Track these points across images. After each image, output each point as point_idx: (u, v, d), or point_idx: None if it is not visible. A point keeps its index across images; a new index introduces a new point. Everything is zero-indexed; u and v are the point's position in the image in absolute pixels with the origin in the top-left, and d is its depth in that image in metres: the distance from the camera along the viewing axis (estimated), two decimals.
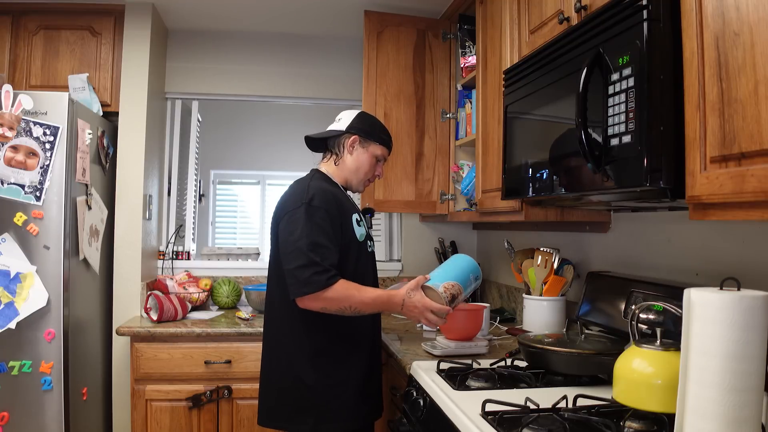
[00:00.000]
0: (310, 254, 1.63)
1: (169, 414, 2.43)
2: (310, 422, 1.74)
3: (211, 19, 3.03)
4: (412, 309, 1.74)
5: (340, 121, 1.96)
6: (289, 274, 1.66)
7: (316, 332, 1.77)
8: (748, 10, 0.93)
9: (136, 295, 2.74)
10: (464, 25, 2.61)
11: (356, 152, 1.93)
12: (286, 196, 1.82)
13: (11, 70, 2.72)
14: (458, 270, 1.81)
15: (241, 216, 5.45)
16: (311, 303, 1.66)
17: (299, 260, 1.64)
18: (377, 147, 1.94)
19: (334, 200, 1.78)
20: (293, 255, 1.66)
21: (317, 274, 1.62)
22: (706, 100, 1.02)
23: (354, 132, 1.92)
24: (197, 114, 3.35)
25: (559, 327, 2.09)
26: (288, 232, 1.70)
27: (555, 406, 1.27)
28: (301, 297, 1.66)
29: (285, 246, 1.70)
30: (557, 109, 1.48)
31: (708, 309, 0.98)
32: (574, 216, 1.94)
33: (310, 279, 1.62)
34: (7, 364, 2.20)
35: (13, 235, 2.23)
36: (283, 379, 1.79)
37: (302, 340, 1.77)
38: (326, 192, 1.77)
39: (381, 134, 1.96)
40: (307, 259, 1.63)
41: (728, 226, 1.44)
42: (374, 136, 1.94)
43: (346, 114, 1.98)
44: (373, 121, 2.00)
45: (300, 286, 1.64)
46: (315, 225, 1.68)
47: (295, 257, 1.65)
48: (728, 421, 0.96)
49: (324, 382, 1.76)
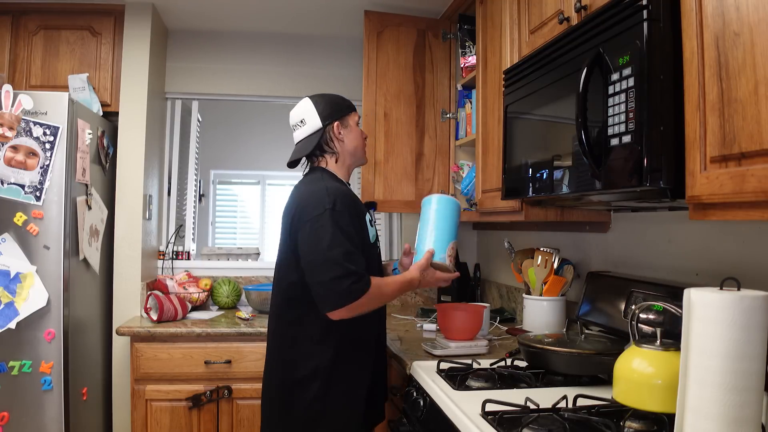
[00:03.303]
0: (346, 264, 1.54)
1: (169, 414, 2.43)
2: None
3: (211, 19, 3.03)
4: (426, 285, 1.78)
5: (306, 123, 1.82)
6: (322, 286, 1.55)
7: (323, 343, 1.68)
8: (748, 10, 0.93)
9: (136, 295, 2.74)
10: (464, 25, 2.61)
11: (345, 135, 1.83)
12: (301, 200, 1.69)
13: (11, 70, 2.72)
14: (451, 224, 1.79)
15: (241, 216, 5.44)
16: (346, 313, 1.57)
17: (334, 271, 1.53)
18: (352, 116, 1.87)
19: (353, 202, 1.71)
20: (326, 266, 1.54)
21: (355, 283, 1.54)
22: (706, 100, 1.02)
23: (330, 120, 1.81)
24: (197, 114, 3.35)
25: (559, 327, 2.08)
26: (314, 241, 1.58)
27: (555, 406, 1.27)
28: (338, 309, 1.55)
29: (313, 256, 1.58)
30: (557, 109, 1.48)
31: (708, 309, 0.98)
32: (574, 216, 1.94)
33: (349, 289, 1.53)
34: (7, 364, 2.20)
35: (13, 235, 2.23)
36: (287, 390, 1.70)
37: (310, 351, 1.69)
38: (345, 194, 1.69)
39: (344, 102, 1.88)
40: (344, 269, 1.53)
41: (728, 226, 1.44)
42: (344, 108, 1.86)
43: (301, 112, 1.84)
44: (328, 98, 1.87)
45: (338, 297, 1.54)
46: (342, 231, 1.58)
47: (328, 268, 1.54)
48: (728, 421, 0.96)
49: (332, 391, 1.68)
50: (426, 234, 1.80)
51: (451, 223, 1.79)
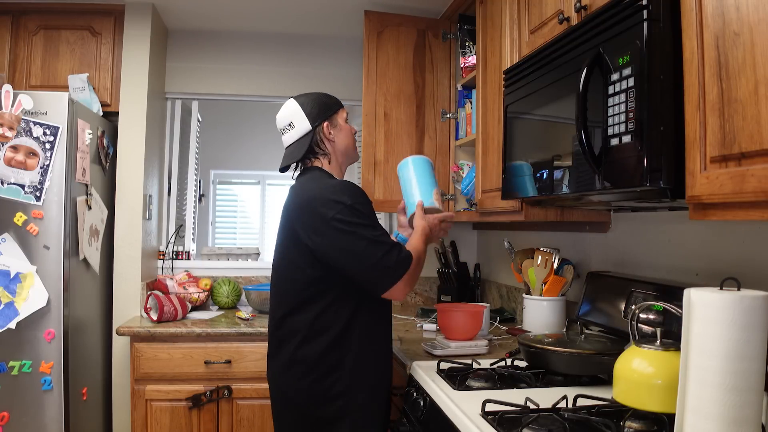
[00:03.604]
0: (385, 240, 1.57)
1: (169, 414, 2.43)
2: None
3: (211, 19, 3.03)
4: (435, 230, 1.79)
5: (295, 126, 1.79)
6: (374, 268, 1.55)
7: (343, 338, 1.65)
8: (748, 10, 0.93)
9: (136, 295, 2.74)
10: (464, 25, 2.61)
11: (336, 135, 1.81)
12: (311, 201, 1.64)
13: (11, 70, 2.73)
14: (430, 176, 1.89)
15: (241, 216, 5.45)
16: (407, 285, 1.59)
17: (379, 250, 1.55)
18: (340, 114, 1.84)
19: (363, 193, 1.70)
20: (369, 250, 1.55)
21: (400, 253, 1.57)
22: (706, 100, 1.02)
23: (319, 120, 1.78)
24: (197, 114, 3.35)
25: (559, 327, 2.09)
26: (346, 235, 1.57)
27: (555, 406, 1.27)
28: (397, 282, 1.56)
29: (352, 248, 1.56)
30: (557, 109, 1.48)
31: (708, 309, 0.98)
32: (574, 216, 1.94)
33: (398, 259, 1.56)
34: (7, 364, 2.20)
35: (13, 235, 2.23)
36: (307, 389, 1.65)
37: (330, 347, 1.64)
38: (355, 187, 1.69)
39: (330, 100, 1.85)
40: (387, 246, 1.56)
41: (728, 226, 1.44)
42: (331, 106, 1.83)
43: (288, 115, 1.79)
44: (313, 96, 1.83)
45: (394, 270, 1.55)
46: (367, 217, 1.61)
47: (373, 251, 1.55)
48: (728, 421, 0.96)
49: (355, 387, 1.65)
50: (411, 190, 1.87)
51: (429, 175, 1.88)
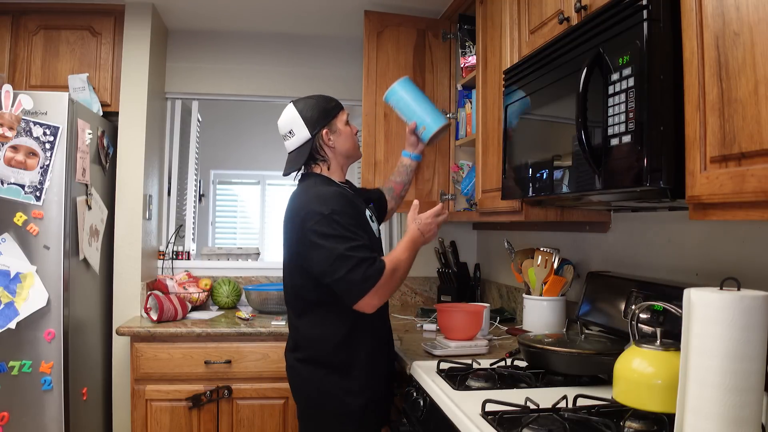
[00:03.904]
0: (353, 255, 1.58)
1: (169, 414, 2.43)
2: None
3: (211, 19, 3.03)
4: (428, 229, 1.77)
5: (295, 133, 1.81)
6: (342, 282, 1.59)
7: (349, 338, 1.73)
8: (748, 10, 0.92)
9: (136, 295, 2.74)
10: (464, 25, 2.61)
11: (335, 140, 1.82)
12: (299, 211, 1.71)
13: (11, 70, 2.72)
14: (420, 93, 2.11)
15: (241, 216, 5.45)
16: (378, 299, 1.62)
17: (346, 265, 1.58)
18: (339, 117, 1.85)
19: (351, 203, 1.73)
20: (337, 264, 1.59)
21: (369, 268, 1.58)
22: (706, 100, 1.02)
23: (318, 128, 1.80)
24: (197, 114, 3.35)
25: (559, 327, 2.08)
26: (320, 246, 1.62)
27: (555, 406, 1.27)
28: (363, 297, 1.59)
29: (324, 259, 1.61)
30: (557, 109, 1.48)
31: (708, 309, 0.98)
32: (574, 216, 1.94)
33: (366, 275, 1.57)
34: (7, 364, 2.20)
35: (13, 235, 2.23)
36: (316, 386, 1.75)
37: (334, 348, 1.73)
38: (340, 196, 1.71)
39: (329, 105, 1.85)
40: (354, 261, 1.58)
41: (728, 226, 1.44)
42: (330, 111, 1.83)
43: (287, 123, 1.83)
44: (312, 102, 1.83)
45: (359, 285, 1.58)
46: (343, 230, 1.62)
47: (339, 265, 1.58)
48: (728, 421, 0.96)
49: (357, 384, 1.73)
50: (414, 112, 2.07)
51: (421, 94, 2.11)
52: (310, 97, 1.87)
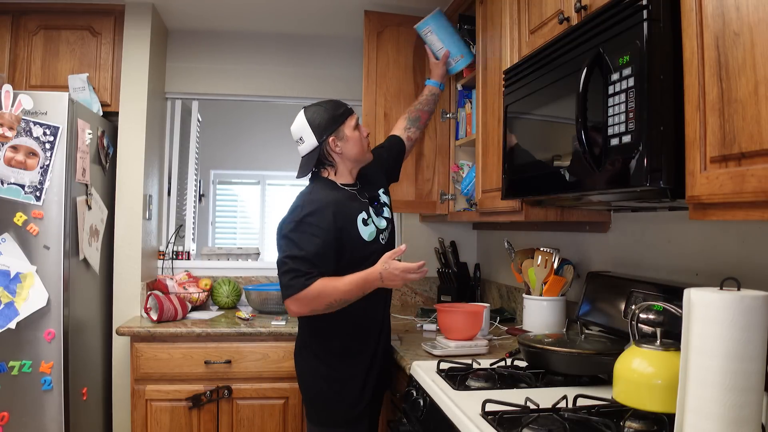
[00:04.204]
0: (290, 263, 1.75)
1: (169, 414, 2.43)
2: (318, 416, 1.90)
3: (211, 19, 3.03)
4: (391, 278, 1.77)
5: (305, 140, 1.86)
6: (280, 283, 1.79)
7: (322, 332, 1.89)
8: (748, 10, 0.93)
9: (136, 295, 2.74)
10: (464, 25, 2.60)
11: (342, 147, 1.87)
12: (287, 212, 1.87)
13: (11, 70, 2.72)
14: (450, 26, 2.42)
15: (241, 216, 5.45)
16: (297, 308, 1.76)
17: (281, 269, 1.77)
18: (347, 123, 1.88)
19: (332, 212, 1.79)
20: (278, 266, 1.79)
21: (296, 278, 1.73)
22: (706, 100, 1.02)
23: (325, 135, 1.84)
24: (197, 114, 3.35)
25: (559, 327, 2.08)
26: (279, 246, 1.82)
27: (555, 406, 1.27)
28: (285, 301, 1.77)
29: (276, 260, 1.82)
30: (557, 109, 1.48)
31: (708, 309, 0.98)
32: (574, 216, 1.94)
33: (288, 283, 1.74)
34: (7, 364, 2.20)
35: (13, 235, 2.23)
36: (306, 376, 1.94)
37: (312, 340, 1.91)
38: (324, 205, 1.80)
39: (337, 112, 1.87)
40: (287, 267, 1.75)
41: (728, 226, 1.44)
42: (337, 119, 1.86)
43: (300, 129, 1.87)
44: (321, 109, 1.87)
45: (284, 290, 1.76)
46: (302, 239, 1.76)
47: (279, 267, 1.78)
48: (728, 421, 0.96)
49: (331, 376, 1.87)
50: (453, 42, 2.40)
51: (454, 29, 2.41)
52: (320, 104, 1.91)
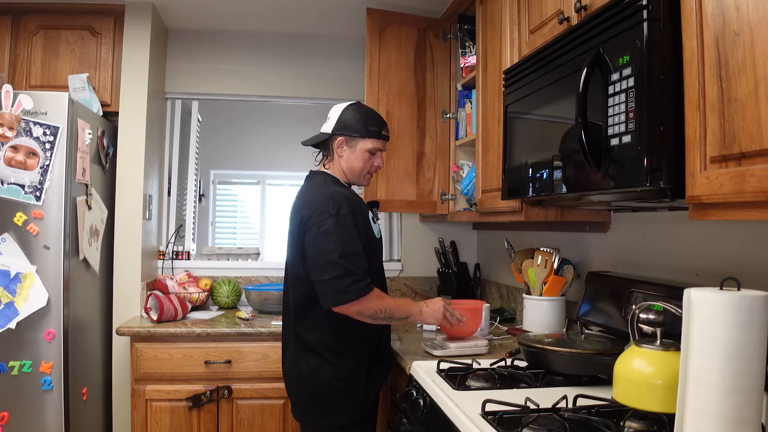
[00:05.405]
0: (346, 264, 1.66)
1: (169, 414, 2.43)
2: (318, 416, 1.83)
3: (211, 19, 3.03)
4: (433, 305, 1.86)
5: (329, 121, 1.92)
6: (325, 284, 1.67)
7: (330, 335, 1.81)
8: (748, 10, 0.93)
9: (136, 295, 2.74)
10: (464, 25, 2.60)
11: (345, 153, 1.89)
12: (307, 206, 1.79)
13: (11, 70, 2.72)
14: None
15: (241, 216, 5.45)
16: (349, 309, 1.69)
17: (335, 271, 1.65)
18: (367, 142, 1.88)
19: (356, 205, 1.80)
20: (327, 266, 1.67)
21: (355, 282, 1.65)
22: (706, 100, 1.02)
23: (339, 133, 1.88)
24: (197, 114, 3.35)
25: (559, 327, 2.08)
26: (318, 244, 1.71)
27: (555, 406, 1.27)
28: (340, 306, 1.68)
29: (316, 257, 1.70)
30: (557, 109, 1.48)
31: (708, 309, 0.98)
32: (574, 216, 1.94)
33: (348, 288, 1.65)
34: (7, 364, 2.20)
35: (13, 235, 2.23)
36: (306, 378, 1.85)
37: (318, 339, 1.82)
38: (348, 198, 1.79)
39: (369, 127, 1.88)
40: (343, 269, 1.65)
41: (728, 226, 1.44)
42: (361, 131, 1.87)
43: (334, 111, 1.92)
44: (361, 114, 1.89)
45: (339, 295, 1.66)
46: (346, 234, 1.70)
47: (330, 268, 1.66)
48: (728, 421, 0.96)
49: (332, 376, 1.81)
50: None
51: None
52: (366, 109, 1.94)
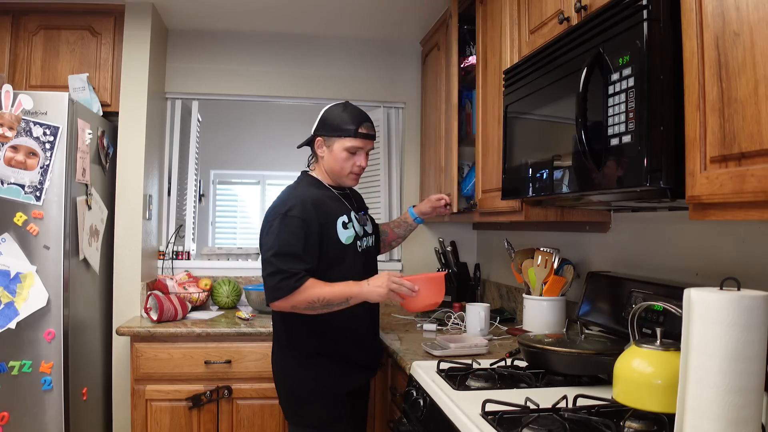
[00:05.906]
0: (276, 262, 1.73)
1: (169, 414, 2.43)
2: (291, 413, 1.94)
3: (211, 19, 3.03)
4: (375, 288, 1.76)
5: (315, 123, 1.96)
6: (264, 282, 1.77)
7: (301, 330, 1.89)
8: (748, 10, 0.93)
9: (136, 295, 2.74)
10: (464, 25, 2.60)
11: (325, 153, 1.93)
12: (270, 206, 1.88)
13: (11, 70, 2.72)
14: None
15: (241, 216, 5.45)
16: (282, 304, 1.75)
17: (268, 269, 1.74)
18: (344, 141, 1.87)
19: (315, 208, 1.81)
20: (264, 264, 1.77)
21: (284, 279, 1.71)
22: (706, 100, 1.02)
23: (318, 134, 1.93)
24: (197, 114, 3.35)
25: (559, 327, 2.08)
26: (262, 243, 1.81)
27: (555, 406, 1.27)
28: (273, 302, 1.75)
29: (261, 255, 1.81)
30: (557, 109, 1.48)
31: (708, 309, 0.98)
32: (574, 216, 1.94)
33: (278, 285, 1.71)
34: (7, 364, 2.20)
35: (13, 235, 2.23)
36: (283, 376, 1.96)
37: (289, 338, 1.91)
38: (307, 200, 1.81)
39: (345, 125, 1.87)
40: (274, 267, 1.73)
41: (728, 226, 1.44)
42: (337, 131, 1.88)
43: (321, 112, 1.96)
44: (340, 113, 1.89)
45: (270, 292, 1.74)
46: (288, 234, 1.75)
47: (265, 266, 1.76)
48: (728, 422, 0.96)
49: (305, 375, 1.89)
50: None
51: None
52: (350, 108, 1.92)
